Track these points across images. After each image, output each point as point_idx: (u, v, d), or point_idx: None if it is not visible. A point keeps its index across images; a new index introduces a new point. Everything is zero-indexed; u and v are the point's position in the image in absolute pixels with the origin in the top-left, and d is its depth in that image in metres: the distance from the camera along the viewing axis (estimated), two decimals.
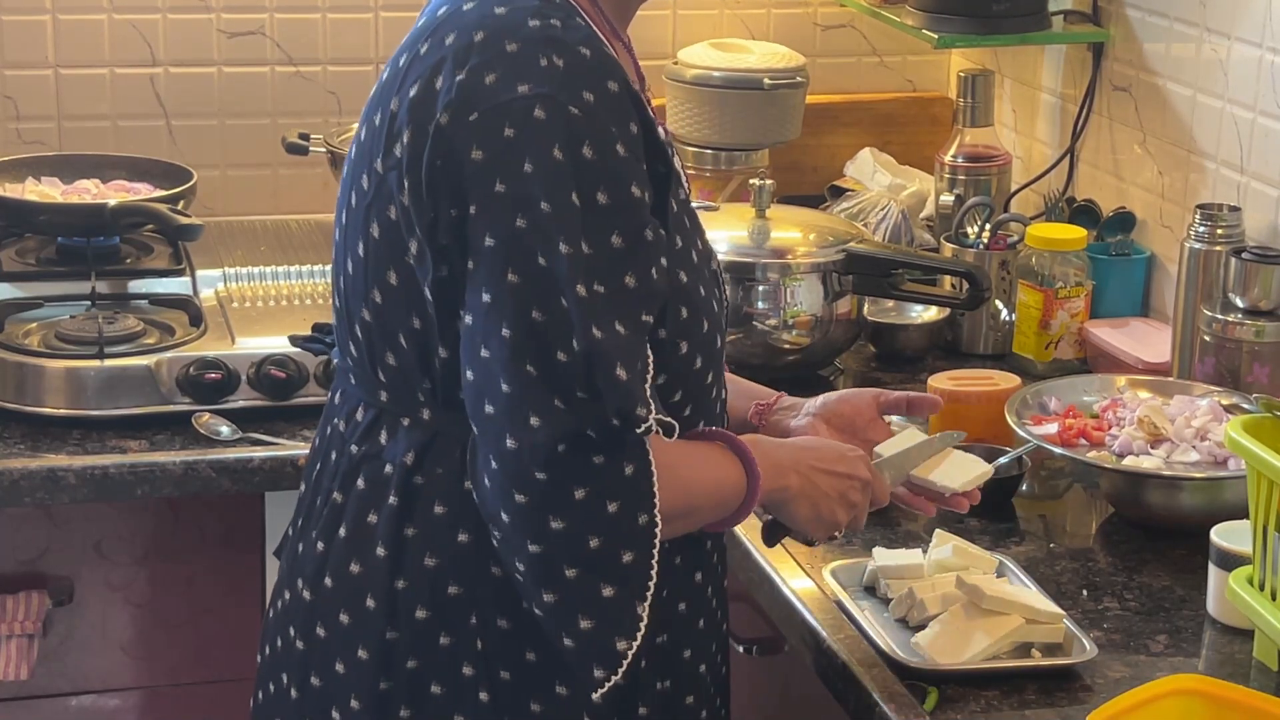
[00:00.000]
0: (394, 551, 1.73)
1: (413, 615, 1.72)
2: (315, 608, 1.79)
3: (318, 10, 3.13)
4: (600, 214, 1.62)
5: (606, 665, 1.64)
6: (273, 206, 3.16)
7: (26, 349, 2.50)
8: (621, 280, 1.62)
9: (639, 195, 1.64)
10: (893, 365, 2.74)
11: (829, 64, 3.33)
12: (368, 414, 1.76)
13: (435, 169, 1.64)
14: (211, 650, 2.52)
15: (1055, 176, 3.02)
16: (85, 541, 2.46)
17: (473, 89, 1.63)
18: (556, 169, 1.60)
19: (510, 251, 1.61)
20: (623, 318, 1.62)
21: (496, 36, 1.64)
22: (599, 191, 1.61)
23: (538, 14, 1.65)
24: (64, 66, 3.06)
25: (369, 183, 1.71)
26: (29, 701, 2.47)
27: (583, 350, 1.60)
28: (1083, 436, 2.29)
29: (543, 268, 1.60)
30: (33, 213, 2.77)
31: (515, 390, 1.60)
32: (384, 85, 1.72)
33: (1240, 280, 2.42)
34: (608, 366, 1.60)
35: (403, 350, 1.71)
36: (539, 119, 1.60)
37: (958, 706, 1.85)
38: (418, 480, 1.72)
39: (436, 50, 1.67)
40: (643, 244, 1.64)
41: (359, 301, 1.74)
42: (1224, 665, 1.95)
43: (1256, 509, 1.88)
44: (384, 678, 1.74)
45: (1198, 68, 2.69)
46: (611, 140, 1.62)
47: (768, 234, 2.66)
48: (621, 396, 1.61)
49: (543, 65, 1.62)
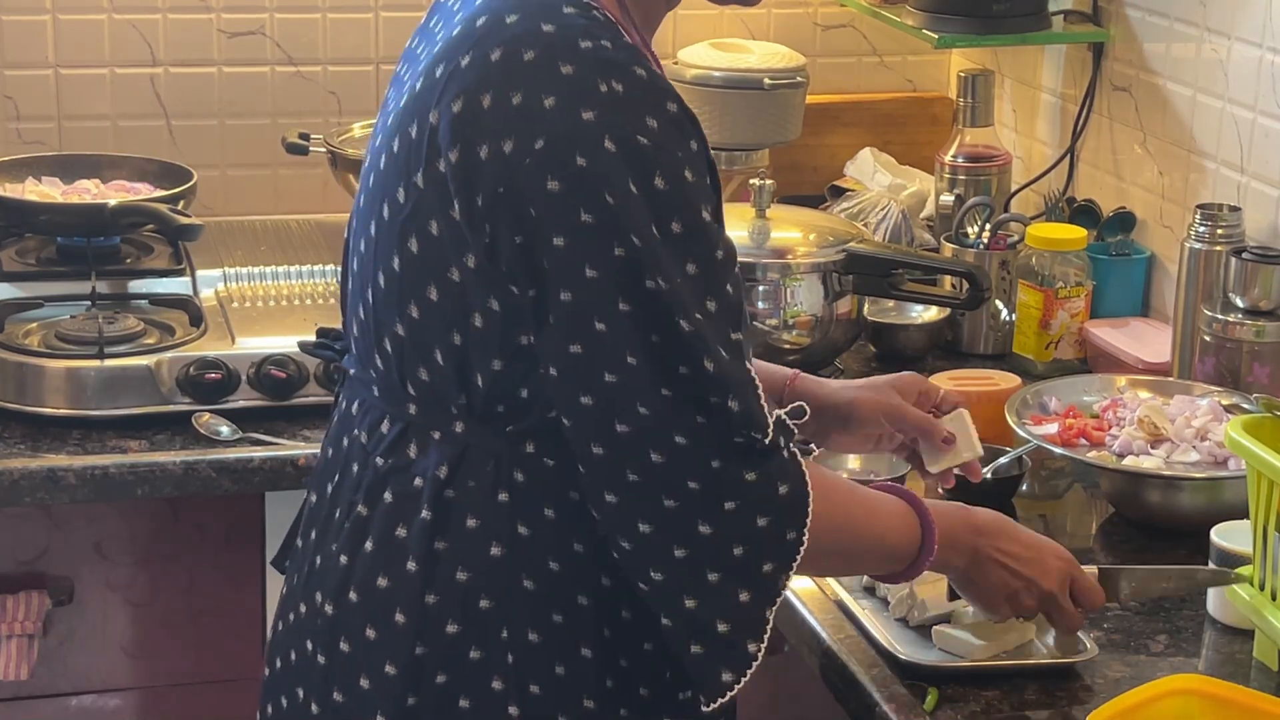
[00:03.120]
0: (425, 566, 1.71)
1: (443, 630, 1.71)
2: (338, 622, 1.76)
3: (318, 10, 3.13)
4: (678, 243, 1.62)
5: (737, 669, 1.66)
6: (273, 206, 3.16)
7: (27, 349, 2.50)
8: (704, 306, 1.63)
9: (708, 217, 1.65)
10: (893, 365, 2.74)
11: (829, 64, 3.33)
12: (394, 427, 1.74)
13: (497, 195, 1.61)
14: (211, 650, 2.52)
15: (1055, 176, 3.02)
16: (85, 541, 2.46)
17: (532, 113, 1.60)
18: (634, 202, 1.60)
19: (615, 281, 1.60)
20: (722, 343, 1.63)
21: (549, 58, 1.62)
22: (674, 221, 1.62)
23: (587, 34, 1.63)
24: (64, 66, 3.06)
25: (406, 197, 1.67)
26: (29, 701, 2.47)
27: (714, 371, 1.62)
28: (1083, 436, 2.29)
29: (651, 292, 1.60)
30: (33, 213, 2.77)
31: (657, 412, 1.62)
32: (418, 96, 1.68)
33: (1240, 280, 2.42)
34: (723, 393, 1.62)
35: (438, 365, 1.69)
36: (610, 151, 1.59)
37: (958, 706, 1.85)
38: (449, 494, 1.70)
39: (480, 66, 1.64)
40: (714, 264, 1.65)
41: (391, 315, 1.71)
42: (1224, 665, 1.95)
43: (1256, 509, 1.88)
44: (412, 693, 1.72)
45: (1198, 68, 2.69)
46: (680, 166, 1.62)
47: (768, 234, 2.66)
48: (745, 415, 1.63)
49: (603, 91, 1.60)
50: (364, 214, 1.76)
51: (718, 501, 1.63)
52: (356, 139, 2.98)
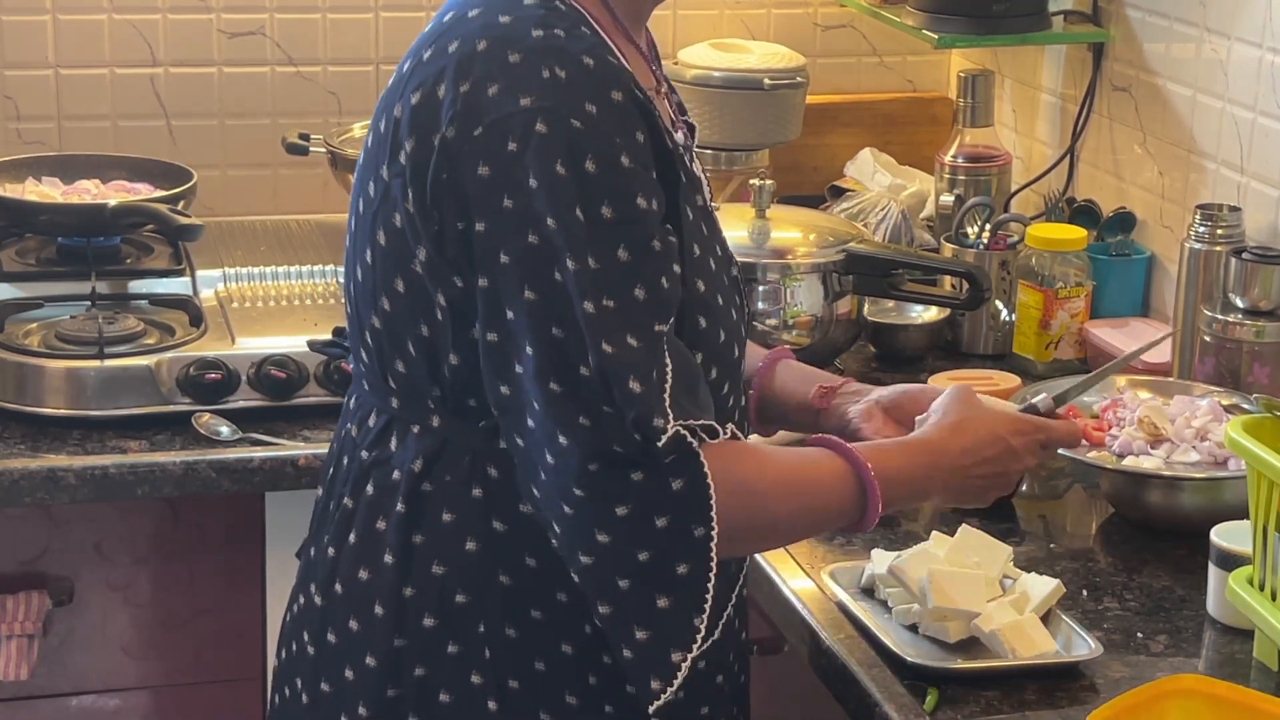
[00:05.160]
0: (402, 559, 1.72)
1: (421, 623, 1.72)
2: (327, 613, 1.78)
3: (318, 10, 3.13)
4: (605, 228, 1.60)
5: (663, 676, 1.63)
6: (273, 206, 3.16)
7: (27, 349, 2.50)
8: (630, 293, 1.61)
9: (645, 206, 1.63)
10: (893, 365, 2.74)
11: (829, 64, 3.33)
12: (379, 420, 1.76)
13: (441, 182, 1.63)
14: (211, 650, 2.52)
15: (1055, 176, 3.02)
16: (85, 541, 2.46)
17: (476, 101, 1.62)
18: (560, 184, 1.59)
19: (525, 269, 1.60)
20: (634, 330, 1.61)
21: (499, 47, 1.63)
22: (603, 205, 1.60)
23: (541, 23, 1.64)
24: (64, 66, 3.06)
25: (375, 189, 1.70)
26: (29, 701, 2.47)
27: (597, 366, 1.59)
28: (1083, 436, 2.28)
29: (557, 283, 1.59)
30: (33, 213, 2.77)
31: (544, 408, 1.60)
32: (389, 91, 1.71)
33: (1240, 280, 2.42)
34: (622, 380, 1.59)
35: (412, 358, 1.71)
36: (540, 133, 1.59)
37: (958, 706, 1.85)
38: (426, 487, 1.71)
39: (439, 58, 1.66)
40: (651, 255, 1.63)
41: (369, 308, 1.73)
42: (1224, 665, 1.95)
43: (1256, 509, 1.88)
44: (392, 685, 1.73)
45: (1198, 68, 2.69)
46: (615, 151, 1.61)
47: (768, 234, 2.66)
48: (638, 408, 1.59)
49: (545, 77, 1.61)
50: (350, 210, 1.78)
51: (608, 509, 1.60)
52: (356, 139, 2.98)
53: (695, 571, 1.62)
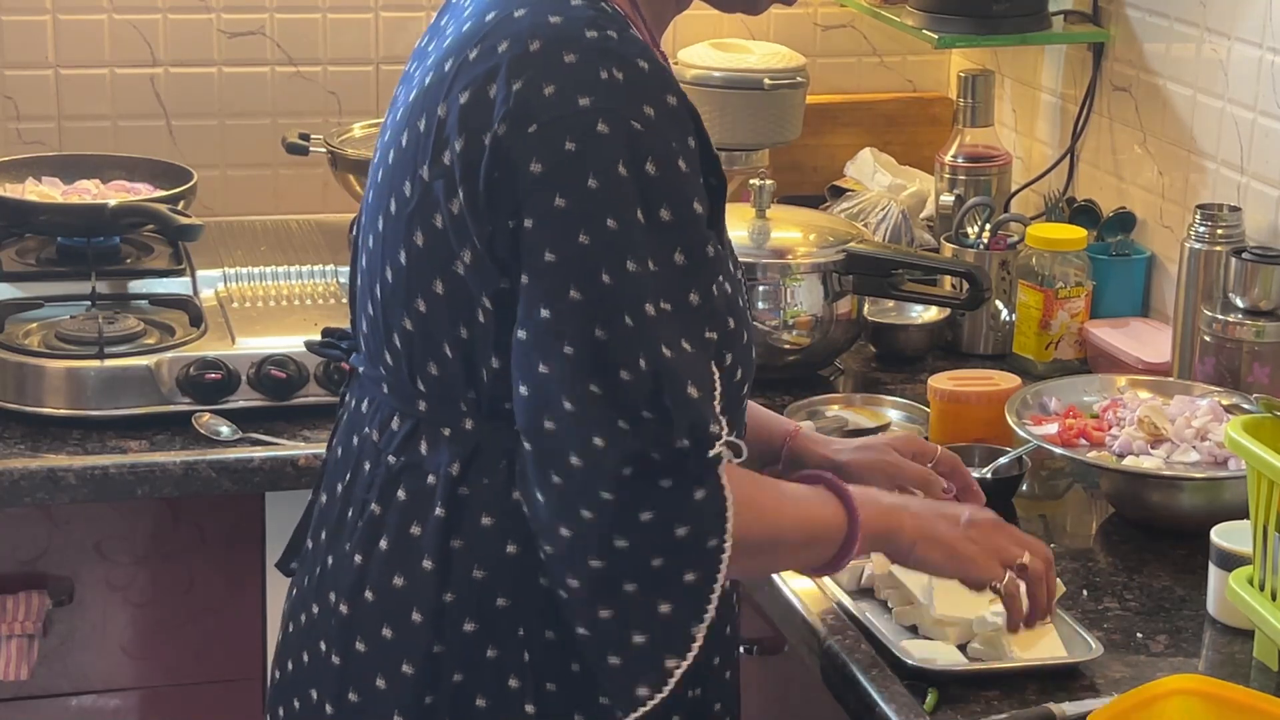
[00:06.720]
0: (441, 564, 1.70)
1: (460, 628, 1.70)
2: (353, 622, 1.75)
3: (318, 10, 3.13)
4: (665, 231, 1.60)
5: (652, 683, 1.63)
6: (273, 206, 3.17)
7: (27, 349, 2.50)
8: (686, 298, 1.61)
9: (699, 211, 1.63)
10: (893, 365, 2.74)
11: (829, 64, 3.33)
12: (405, 424, 1.73)
13: (493, 181, 1.61)
14: (211, 650, 2.52)
15: (1055, 176, 3.02)
16: (85, 541, 2.46)
17: (531, 100, 1.60)
18: (621, 185, 1.59)
19: (573, 268, 1.59)
20: (690, 336, 1.61)
21: (554, 46, 1.62)
22: (663, 208, 1.60)
23: (594, 24, 1.63)
24: (64, 66, 3.06)
25: (412, 190, 1.68)
26: (29, 701, 2.47)
27: (651, 370, 1.59)
28: (1083, 436, 2.29)
29: (607, 285, 1.58)
30: (33, 213, 2.77)
31: (578, 409, 1.59)
32: (427, 91, 1.68)
33: (1240, 280, 2.42)
34: (679, 386, 1.59)
35: (447, 360, 1.69)
36: (602, 133, 1.59)
37: (958, 706, 1.85)
38: (463, 491, 1.70)
39: (488, 58, 1.64)
40: (705, 260, 1.63)
41: (399, 310, 1.71)
42: (1224, 665, 1.95)
43: (1256, 509, 1.88)
44: (429, 692, 1.71)
45: (1198, 68, 2.69)
46: (673, 155, 1.61)
47: (768, 234, 2.66)
48: (694, 414, 1.60)
49: (603, 78, 1.60)
50: (372, 210, 1.76)
51: (634, 513, 1.60)
52: (356, 139, 2.98)
53: (702, 581, 1.63)
